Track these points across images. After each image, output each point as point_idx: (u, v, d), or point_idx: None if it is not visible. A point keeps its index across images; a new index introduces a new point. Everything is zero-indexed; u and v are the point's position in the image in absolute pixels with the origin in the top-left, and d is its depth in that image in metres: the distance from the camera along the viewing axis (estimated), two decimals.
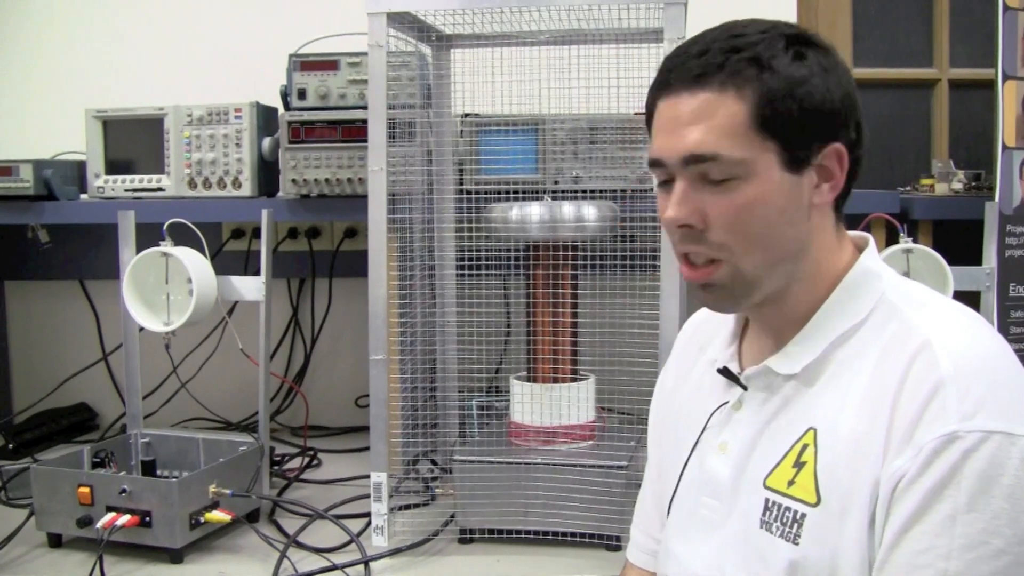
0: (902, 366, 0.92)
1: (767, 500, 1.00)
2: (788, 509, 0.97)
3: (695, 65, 0.97)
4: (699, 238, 0.99)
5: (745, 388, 1.08)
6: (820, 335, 1.01)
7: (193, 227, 1.90)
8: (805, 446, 0.98)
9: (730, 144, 0.95)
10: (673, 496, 1.15)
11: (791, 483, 0.98)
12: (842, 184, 1.01)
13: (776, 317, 1.05)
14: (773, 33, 0.98)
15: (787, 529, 0.97)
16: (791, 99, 0.95)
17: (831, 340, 1.00)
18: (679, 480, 1.14)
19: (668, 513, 1.16)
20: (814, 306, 1.03)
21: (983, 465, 0.86)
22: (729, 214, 0.97)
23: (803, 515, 0.96)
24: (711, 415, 1.11)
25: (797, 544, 0.96)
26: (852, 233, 1.08)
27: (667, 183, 1.01)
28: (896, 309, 0.99)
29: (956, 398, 0.88)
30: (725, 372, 1.10)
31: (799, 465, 0.98)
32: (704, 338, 1.21)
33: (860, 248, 1.06)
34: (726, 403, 1.10)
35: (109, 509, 1.66)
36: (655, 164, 1.01)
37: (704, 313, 1.26)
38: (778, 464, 1.00)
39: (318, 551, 1.70)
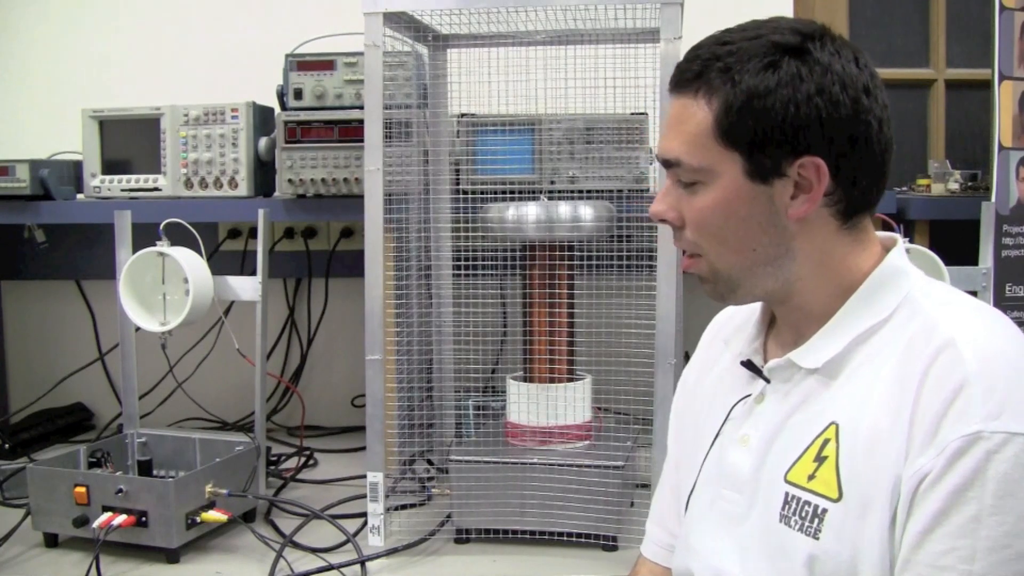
0: (924, 363, 0.93)
1: (787, 494, 1.00)
2: (808, 503, 0.98)
3: (683, 69, 1.02)
4: (679, 234, 1.06)
5: (768, 381, 1.08)
6: (843, 331, 1.02)
7: (189, 227, 1.89)
8: (827, 441, 0.98)
9: (690, 151, 1.00)
10: (692, 490, 1.15)
11: (812, 477, 0.98)
12: (820, 196, 0.99)
13: (792, 313, 1.07)
14: (763, 40, 0.98)
15: (807, 523, 0.97)
16: (747, 112, 0.97)
17: (854, 336, 1.01)
18: (698, 473, 1.14)
19: (686, 506, 1.16)
20: (833, 302, 1.03)
21: (1007, 467, 0.87)
22: (693, 215, 1.03)
23: (824, 510, 0.96)
24: (732, 407, 1.12)
25: (817, 539, 0.96)
26: (881, 234, 1.08)
27: None
28: (920, 307, 0.99)
29: (980, 398, 0.88)
30: (748, 365, 1.11)
31: (820, 459, 0.98)
32: (730, 333, 1.21)
33: (887, 248, 1.06)
34: (748, 396, 1.11)
35: (105, 509, 1.66)
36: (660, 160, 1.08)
37: (731, 309, 1.27)
38: (799, 458, 1.01)
39: (314, 551, 1.70)
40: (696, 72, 0.99)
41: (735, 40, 0.99)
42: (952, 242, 1.96)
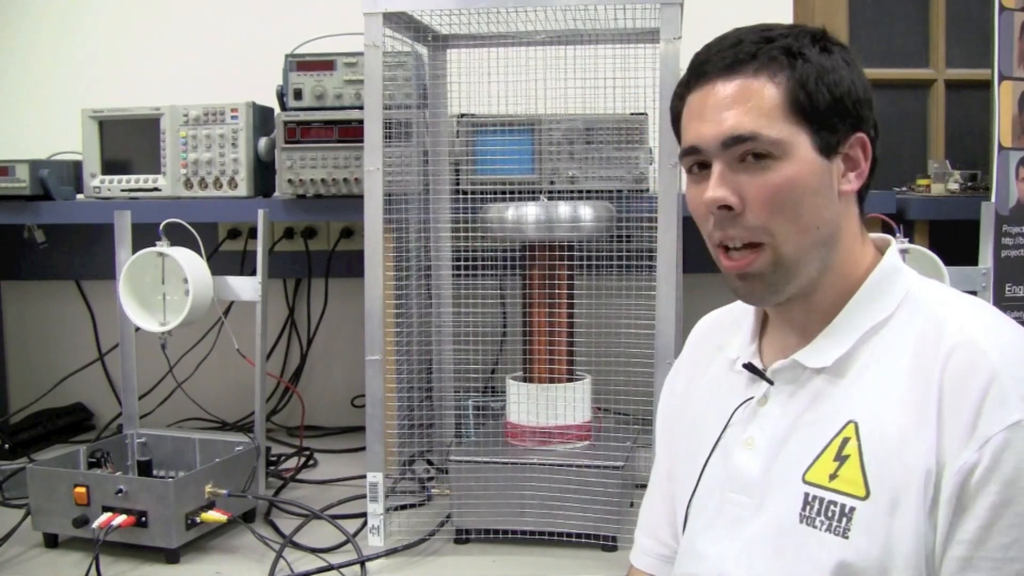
0: (941, 359, 0.95)
1: (807, 495, 1.01)
2: (833, 503, 0.98)
3: (729, 55, 1.02)
4: (736, 220, 1.01)
5: (771, 383, 1.09)
6: (850, 329, 1.03)
7: (189, 227, 1.90)
8: (846, 439, 0.99)
9: (768, 124, 0.99)
10: (692, 496, 1.15)
11: (834, 476, 0.99)
12: (867, 173, 1.05)
13: (802, 312, 1.07)
14: (799, 30, 1.03)
15: (835, 523, 0.98)
16: (822, 85, 1.00)
17: (861, 334, 1.03)
18: (699, 479, 1.14)
19: (687, 513, 1.16)
20: (839, 301, 1.05)
21: None
22: (766, 193, 1.00)
23: (852, 508, 0.97)
24: (734, 411, 1.12)
25: (847, 538, 0.96)
26: (872, 235, 1.11)
27: (700, 171, 1.04)
28: (923, 304, 1.02)
29: (1013, 387, 0.91)
30: (750, 367, 1.11)
31: (841, 459, 0.99)
32: (721, 337, 1.22)
33: (881, 249, 1.09)
34: (750, 399, 1.11)
35: (105, 509, 1.66)
36: (690, 152, 1.05)
37: (716, 314, 1.28)
38: (817, 458, 1.01)
39: (314, 551, 1.70)
40: (751, 53, 1.00)
41: (776, 28, 1.03)
42: (952, 242, 1.96)
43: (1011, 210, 1.99)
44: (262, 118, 2.25)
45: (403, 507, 1.86)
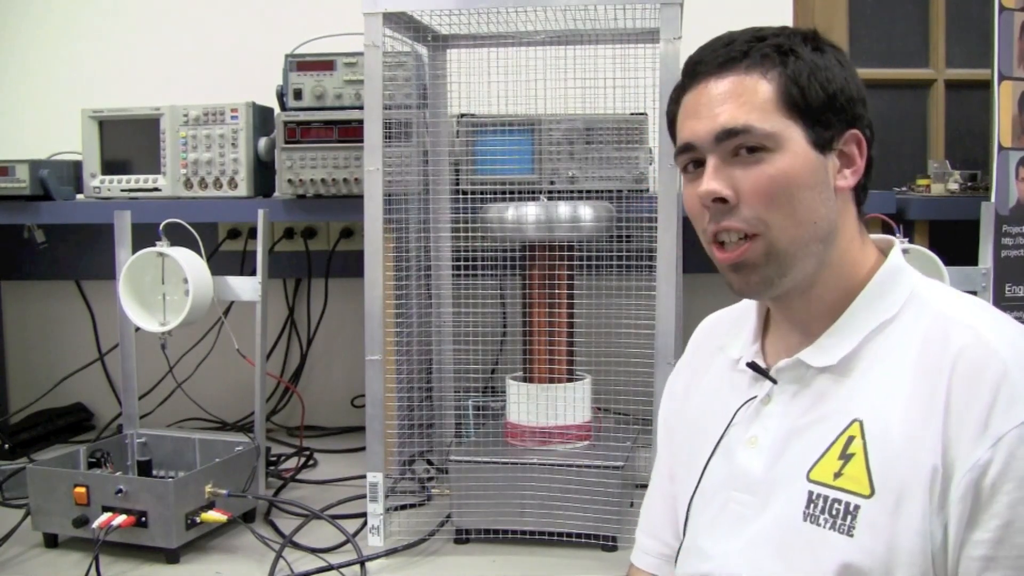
0: (950, 357, 0.95)
1: (811, 493, 1.01)
2: (838, 501, 0.98)
3: (721, 53, 1.03)
4: (730, 213, 1.02)
5: (775, 382, 1.09)
6: (854, 328, 1.04)
7: (189, 227, 1.90)
8: (851, 438, 0.99)
9: (760, 118, 1.00)
10: (694, 495, 1.15)
11: (838, 475, 0.99)
12: (863, 170, 1.05)
13: (803, 310, 1.07)
14: (791, 31, 1.05)
15: (839, 521, 0.98)
16: (815, 81, 1.01)
17: (866, 333, 1.03)
18: (700, 478, 1.14)
19: (688, 513, 1.16)
20: (842, 300, 1.05)
21: None
22: (761, 185, 1.00)
23: (856, 507, 0.97)
24: (737, 411, 1.12)
25: (852, 536, 0.96)
26: (874, 236, 1.11)
27: (695, 169, 1.05)
28: (928, 304, 1.02)
29: (1022, 385, 0.91)
30: (754, 367, 1.11)
31: (846, 457, 0.99)
32: (723, 338, 1.22)
33: (883, 250, 1.09)
34: (753, 398, 1.11)
35: (105, 509, 1.66)
36: (685, 149, 1.06)
37: (718, 315, 1.29)
38: (822, 456, 1.01)
39: (314, 551, 1.70)
40: (743, 51, 1.02)
41: (768, 28, 1.05)
42: (952, 242, 1.96)
43: (1011, 210, 1.98)
44: (262, 118, 2.25)
45: (403, 507, 1.86)
